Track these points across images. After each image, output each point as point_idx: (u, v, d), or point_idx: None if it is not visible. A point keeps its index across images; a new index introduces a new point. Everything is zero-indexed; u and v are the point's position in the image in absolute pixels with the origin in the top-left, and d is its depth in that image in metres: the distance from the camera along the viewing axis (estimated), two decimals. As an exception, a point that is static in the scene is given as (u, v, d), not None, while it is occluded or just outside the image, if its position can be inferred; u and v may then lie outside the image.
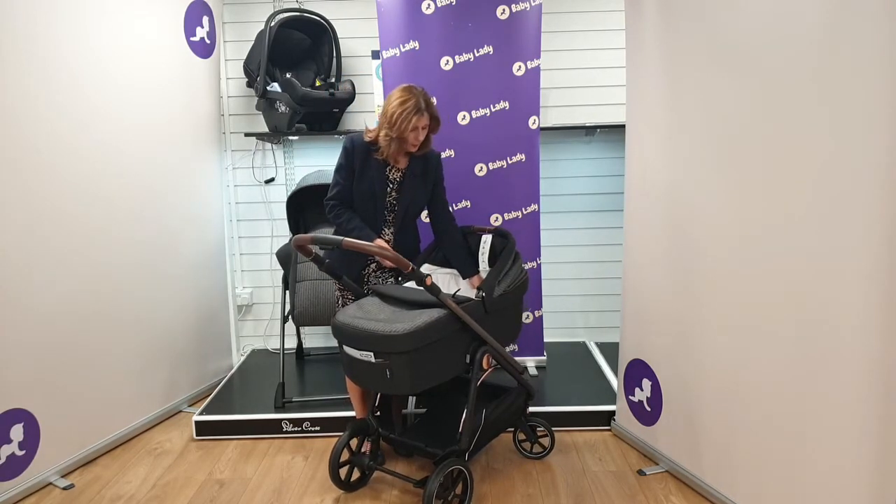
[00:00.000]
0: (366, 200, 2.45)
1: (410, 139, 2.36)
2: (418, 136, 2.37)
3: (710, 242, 2.13)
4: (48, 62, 2.38)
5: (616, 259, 3.64)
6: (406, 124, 2.30)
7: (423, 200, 2.54)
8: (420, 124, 2.34)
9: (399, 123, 2.30)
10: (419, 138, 2.38)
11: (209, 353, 3.40)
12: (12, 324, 2.30)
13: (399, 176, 2.47)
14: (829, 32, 1.65)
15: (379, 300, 2.31)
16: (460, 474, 2.20)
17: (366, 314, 2.16)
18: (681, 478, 2.39)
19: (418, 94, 2.34)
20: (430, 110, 2.37)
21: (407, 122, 2.29)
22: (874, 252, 1.61)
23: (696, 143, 2.17)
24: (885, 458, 1.65)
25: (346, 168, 2.43)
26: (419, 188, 2.50)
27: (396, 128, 2.31)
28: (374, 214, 2.46)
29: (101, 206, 2.65)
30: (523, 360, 3.28)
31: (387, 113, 2.33)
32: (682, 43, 2.19)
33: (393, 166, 2.46)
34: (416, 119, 2.31)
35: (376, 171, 2.43)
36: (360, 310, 2.21)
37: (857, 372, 1.67)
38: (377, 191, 2.43)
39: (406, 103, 2.30)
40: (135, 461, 2.67)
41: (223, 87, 3.56)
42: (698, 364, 2.24)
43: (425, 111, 2.34)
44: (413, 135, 2.35)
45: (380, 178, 2.44)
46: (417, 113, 2.31)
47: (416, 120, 2.31)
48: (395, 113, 2.30)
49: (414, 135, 2.35)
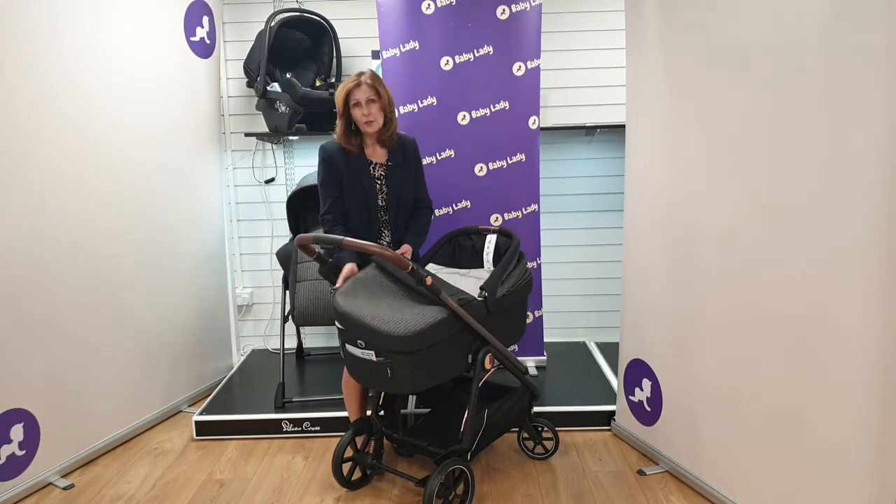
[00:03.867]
0: (360, 208, 2.42)
1: (357, 116, 2.33)
2: (363, 111, 2.32)
3: (709, 242, 2.14)
4: (48, 62, 2.38)
5: (616, 259, 3.64)
6: (343, 97, 2.31)
7: (412, 190, 2.52)
8: (360, 97, 2.30)
9: (340, 99, 2.32)
10: (365, 113, 2.32)
11: (209, 353, 3.40)
12: (13, 324, 2.30)
13: (383, 171, 2.45)
14: (830, 32, 1.66)
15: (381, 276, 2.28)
16: (462, 474, 2.20)
17: (368, 300, 2.13)
18: (681, 478, 2.40)
19: (362, 72, 2.34)
20: (374, 84, 2.31)
21: (343, 94, 2.30)
22: (875, 252, 1.61)
23: (696, 142, 2.17)
24: (885, 457, 1.65)
25: (331, 177, 2.40)
26: (404, 178, 2.49)
27: (338, 105, 2.33)
28: (368, 221, 2.45)
29: (101, 206, 2.65)
30: (523, 360, 3.28)
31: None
32: (681, 43, 2.19)
33: (374, 162, 2.44)
34: (355, 91, 2.30)
35: (360, 171, 2.41)
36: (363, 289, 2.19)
37: (858, 372, 1.68)
38: (367, 191, 2.41)
39: (346, 83, 2.32)
40: (135, 461, 2.67)
41: (223, 87, 3.56)
42: (698, 364, 2.24)
43: (364, 84, 2.30)
44: (358, 111, 2.32)
45: (367, 177, 2.42)
46: (356, 86, 2.30)
47: (355, 92, 2.30)
48: (337, 93, 2.33)
49: (359, 111, 2.32)
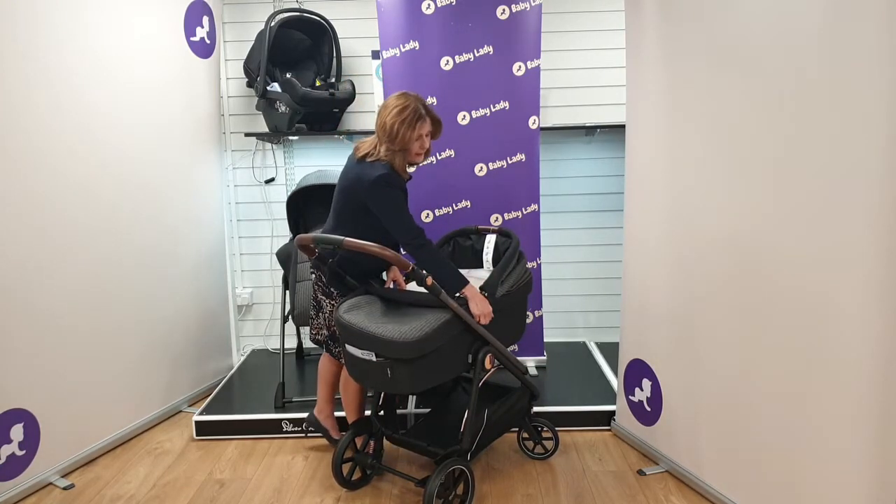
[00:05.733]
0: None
1: (415, 149, 2.21)
2: (423, 145, 2.23)
3: (710, 242, 2.14)
4: (48, 62, 2.38)
5: (616, 259, 3.64)
6: (410, 132, 2.15)
7: None
8: (423, 131, 2.21)
9: (402, 134, 2.14)
10: (424, 146, 2.24)
11: (209, 353, 3.40)
12: (13, 324, 2.30)
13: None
14: (831, 32, 1.66)
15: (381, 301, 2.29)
16: (462, 474, 2.20)
17: (369, 315, 2.15)
18: (681, 478, 2.40)
19: (415, 100, 2.19)
20: (430, 115, 2.24)
21: (410, 130, 2.15)
22: (876, 252, 1.61)
23: (696, 142, 2.17)
24: (885, 457, 1.65)
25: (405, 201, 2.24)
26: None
27: (399, 139, 2.15)
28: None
29: (101, 207, 2.65)
30: (523, 359, 3.27)
31: (386, 126, 2.16)
32: (681, 43, 2.19)
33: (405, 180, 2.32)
34: (420, 126, 2.18)
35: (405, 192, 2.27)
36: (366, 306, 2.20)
37: (858, 372, 1.68)
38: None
39: (405, 111, 2.15)
40: (135, 461, 2.67)
41: (223, 87, 3.56)
42: (698, 364, 2.24)
43: (426, 116, 2.21)
44: (418, 144, 2.21)
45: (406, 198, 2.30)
46: (420, 120, 2.17)
47: (420, 127, 2.18)
48: (395, 123, 2.14)
49: (419, 144, 2.22)
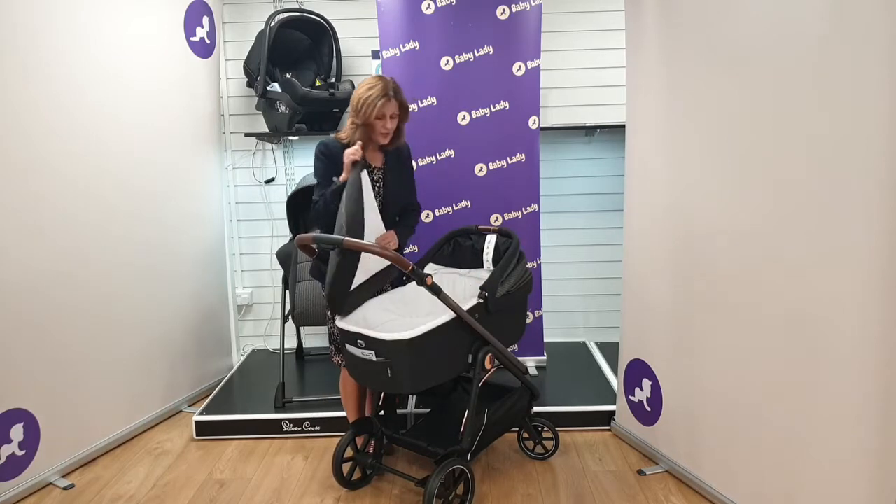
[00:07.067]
0: None
1: (378, 127, 2.27)
2: (386, 124, 2.28)
3: (709, 242, 2.14)
4: (48, 62, 2.38)
5: (616, 259, 3.64)
6: (371, 109, 2.22)
7: (404, 193, 2.49)
8: (387, 111, 2.26)
9: (364, 109, 2.23)
10: (387, 126, 2.29)
11: (209, 353, 3.40)
12: (13, 324, 2.30)
13: (380, 174, 2.41)
14: (830, 31, 1.66)
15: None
16: (462, 474, 2.19)
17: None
18: (681, 478, 2.40)
19: (387, 81, 2.27)
20: (398, 97, 2.28)
21: (372, 107, 2.22)
22: (876, 253, 1.61)
23: (695, 142, 2.17)
24: (885, 457, 1.65)
25: (329, 174, 2.31)
26: (400, 182, 2.45)
27: (362, 114, 2.24)
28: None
29: (101, 207, 2.65)
30: (523, 360, 3.27)
31: (353, 99, 2.27)
32: (681, 43, 2.19)
33: (372, 165, 2.38)
34: (383, 104, 2.23)
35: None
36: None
37: (858, 371, 1.68)
38: None
39: (372, 89, 2.23)
40: (135, 461, 2.67)
41: (223, 87, 3.56)
42: (698, 364, 2.24)
43: (393, 97, 2.26)
44: (380, 123, 2.27)
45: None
46: (384, 97, 2.23)
47: (383, 105, 2.23)
48: (361, 98, 2.23)
49: (381, 123, 2.27)
